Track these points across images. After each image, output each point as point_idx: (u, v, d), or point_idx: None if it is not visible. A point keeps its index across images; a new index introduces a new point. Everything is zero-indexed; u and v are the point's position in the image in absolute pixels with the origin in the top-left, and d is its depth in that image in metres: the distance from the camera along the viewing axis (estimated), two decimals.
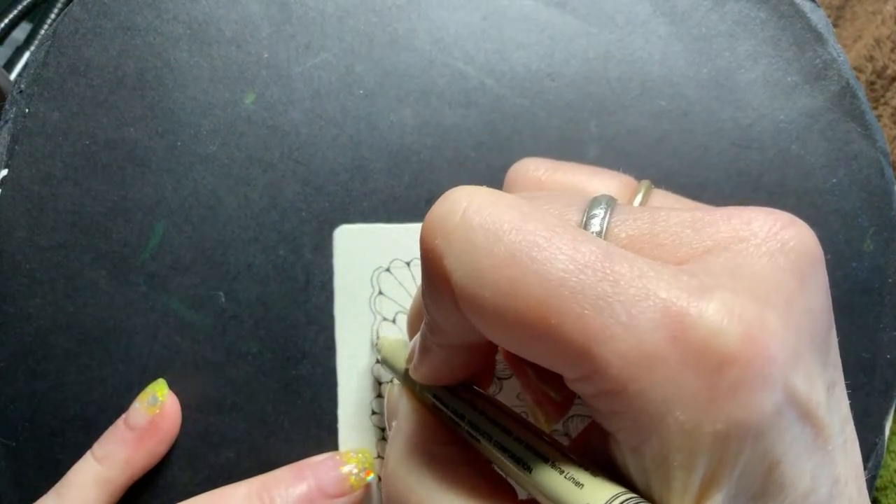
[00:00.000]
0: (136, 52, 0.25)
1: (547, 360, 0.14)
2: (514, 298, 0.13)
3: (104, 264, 0.25)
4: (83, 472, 0.24)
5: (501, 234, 0.14)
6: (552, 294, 0.13)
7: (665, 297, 0.13)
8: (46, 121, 0.25)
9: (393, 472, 0.17)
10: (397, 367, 0.21)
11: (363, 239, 0.25)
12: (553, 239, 0.13)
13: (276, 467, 0.25)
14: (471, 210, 0.14)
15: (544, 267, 0.13)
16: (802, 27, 0.25)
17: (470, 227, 0.14)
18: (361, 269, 0.25)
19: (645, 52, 0.25)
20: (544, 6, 0.25)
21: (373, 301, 0.25)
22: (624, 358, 0.13)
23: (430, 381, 0.19)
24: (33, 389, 0.25)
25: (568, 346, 0.13)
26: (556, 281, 0.13)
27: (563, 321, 0.13)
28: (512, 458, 0.16)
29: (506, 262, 0.13)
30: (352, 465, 0.24)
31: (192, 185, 0.25)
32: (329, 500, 0.24)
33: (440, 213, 0.14)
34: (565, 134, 0.25)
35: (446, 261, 0.14)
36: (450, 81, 0.25)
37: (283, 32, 0.25)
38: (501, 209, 0.14)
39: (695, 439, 0.12)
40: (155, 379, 0.25)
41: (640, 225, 0.15)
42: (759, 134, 0.25)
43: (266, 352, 0.25)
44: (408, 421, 0.19)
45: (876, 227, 0.25)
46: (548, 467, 0.15)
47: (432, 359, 0.18)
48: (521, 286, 0.13)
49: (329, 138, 0.25)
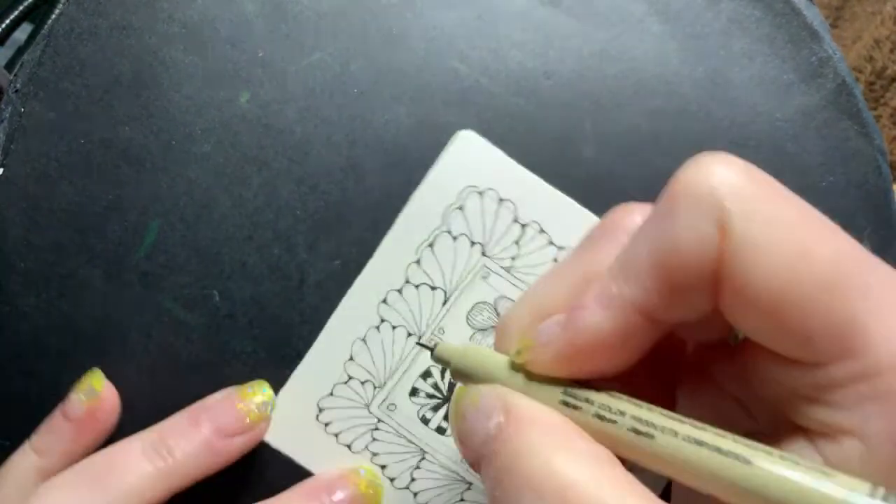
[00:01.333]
0: (131, 52, 0.25)
1: (797, 337, 0.13)
2: (804, 259, 0.13)
3: (99, 263, 0.25)
4: (20, 463, 0.24)
5: (788, 197, 0.14)
6: (845, 261, 0.13)
7: None
8: (42, 120, 0.25)
9: (544, 474, 0.14)
10: (485, 367, 0.17)
11: (477, 152, 0.25)
12: (821, 217, 0.14)
13: (270, 466, 0.25)
14: (747, 167, 0.14)
15: (836, 236, 0.13)
16: (798, 25, 0.25)
17: (759, 180, 0.14)
18: (457, 177, 0.25)
19: (640, 50, 0.25)
20: (539, 5, 0.25)
21: (447, 212, 0.24)
22: None
23: (577, 368, 0.15)
24: (28, 388, 0.25)
25: (843, 319, 0.13)
26: (847, 251, 0.13)
27: (851, 291, 0.13)
28: (718, 453, 0.13)
29: (801, 222, 0.13)
30: (248, 401, 0.24)
31: (186, 184, 0.25)
32: (229, 440, 0.23)
33: (715, 164, 0.14)
34: (560, 132, 0.25)
35: (729, 203, 0.13)
36: (444, 80, 0.25)
37: (278, 31, 0.25)
38: (769, 177, 0.14)
39: None
40: (149, 379, 0.25)
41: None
42: (755, 132, 0.25)
43: (260, 351, 0.25)
44: (541, 413, 0.15)
45: (873, 226, 0.25)
46: (776, 459, 0.12)
47: (607, 336, 0.15)
48: (818, 248, 0.13)
49: (324, 137, 0.25)
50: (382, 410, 0.25)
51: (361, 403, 0.25)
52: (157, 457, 0.23)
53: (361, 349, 0.25)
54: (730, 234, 0.13)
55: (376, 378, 0.25)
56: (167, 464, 0.23)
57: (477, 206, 0.25)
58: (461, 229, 0.25)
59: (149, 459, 0.23)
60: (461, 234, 0.25)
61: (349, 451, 0.26)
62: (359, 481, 0.24)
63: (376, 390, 0.25)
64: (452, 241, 0.25)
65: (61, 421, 0.24)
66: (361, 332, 0.25)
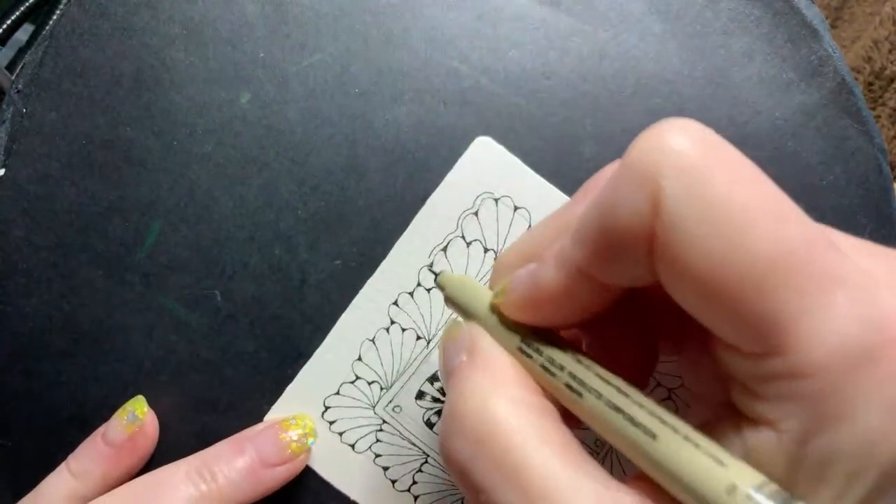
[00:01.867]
0: (132, 53, 0.25)
1: (729, 325, 0.13)
2: (737, 248, 0.12)
3: (100, 263, 0.25)
4: (57, 486, 0.24)
5: (741, 180, 0.13)
6: (781, 257, 0.12)
7: (888, 298, 0.12)
8: (43, 121, 0.25)
9: (476, 409, 0.15)
10: (471, 302, 0.19)
11: (494, 159, 0.25)
12: (787, 205, 0.13)
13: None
14: (708, 144, 0.13)
15: (781, 227, 0.12)
16: (797, 24, 0.25)
17: (708, 160, 0.13)
18: (473, 183, 0.25)
19: (639, 49, 0.25)
20: (538, 5, 0.25)
21: (462, 217, 0.25)
22: (834, 343, 0.12)
23: (534, 318, 0.17)
24: (29, 388, 0.25)
25: (771, 315, 0.12)
26: (789, 246, 0.12)
27: (781, 288, 0.12)
28: (631, 423, 0.14)
29: (742, 210, 0.12)
30: (292, 432, 0.24)
31: (188, 185, 0.25)
32: (271, 469, 0.24)
33: (671, 136, 0.13)
34: (561, 132, 0.25)
35: (666, 182, 0.13)
36: (445, 80, 0.25)
37: (279, 32, 0.25)
38: (738, 156, 0.13)
39: (878, 451, 0.12)
40: (152, 378, 0.25)
41: (833, 234, 0.15)
42: (755, 131, 0.25)
43: (262, 351, 0.25)
44: (493, 357, 0.17)
45: (874, 224, 0.25)
46: (679, 439, 0.13)
47: (557, 291, 0.16)
48: (752, 239, 0.12)
49: (324, 137, 0.25)
50: (388, 412, 0.25)
51: (367, 404, 0.25)
52: (201, 480, 0.23)
53: (370, 350, 0.25)
54: (662, 212, 0.13)
55: (383, 379, 0.25)
56: (210, 488, 0.23)
57: (492, 213, 0.25)
58: (475, 235, 0.25)
59: (192, 483, 0.23)
60: (475, 240, 0.25)
61: (352, 451, 0.26)
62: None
63: (383, 391, 0.25)
64: (466, 246, 0.25)
65: (101, 445, 0.24)
66: (371, 333, 0.25)
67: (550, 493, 0.13)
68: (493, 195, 0.25)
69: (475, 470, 0.15)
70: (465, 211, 0.25)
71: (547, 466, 0.14)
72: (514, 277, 0.17)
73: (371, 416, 0.25)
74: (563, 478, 0.14)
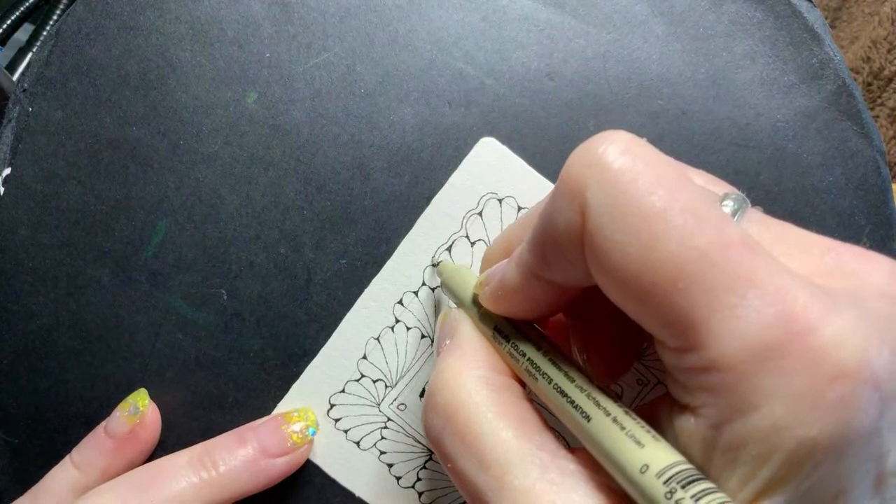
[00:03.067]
0: (138, 52, 0.25)
1: (653, 321, 0.14)
2: (650, 251, 0.13)
3: (107, 262, 0.25)
4: (60, 478, 0.24)
5: (657, 187, 0.14)
6: (690, 260, 0.13)
7: (798, 296, 0.13)
8: (49, 120, 0.25)
9: (446, 385, 0.17)
10: (460, 291, 0.21)
11: (498, 160, 0.25)
12: (703, 209, 0.14)
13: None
14: (630, 155, 0.14)
15: (691, 231, 0.13)
16: (799, 27, 0.25)
17: (626, 170, 0.14)
18: (478, 183, 0.25)
19: (643, 51, 0.25)
20: (543, 6, 0.25)
21: (466, 217, 0.25)
22: (742, 339, 0.13)
23: (503, 310, 0.19)
24: (36, 387, 0.26)
25: (686, 312, 0.13)
26: (699, 249, 0.13)
27: (693, 289, 0.13)
28: (571, 404, 0.16)
29: (654, 216, 0.13)
30: (294, 425, 0.25)
31: (194, 184, 0.25)
32: (273, 460, 0.24)
33: (596, 149, 0.14)
34: (564, 133, 0.25)
35: (589, 194, 0.14)
36: (450, 81, 0.25)
37: (285, 32, 0.25)
38: (660, 164, 0.14)
39: (782, 437, 0.13)
40: (158, 376, 0.25)
41: (771, 230, 0.15)
42: (757, 133, 0.25)
43: (268, 349, 0.25)
44: (468, 342, 0.19)
45: (872, 226, 0.25)
46: (609, 421, 0.15)
47: (517, 288, 0.17)
48: (662, 242, 0.13)
49: (330, 137, 0.25)
50: (392, 410, 0.26)
51: (372, 402, 0.26)
52: (202, 468, 0.23)
53: (375, 348, 0.25)
54: (587, 221, 0.14)
55: (388, 377, 0.26)
56: (211, 475, 0.23)
57: (496, 213, 0.25)
58: (479, 235, 0.25)
59: (193, 470, 0.23)
60: (479, 240, 0.25)
61: (357, 448, 0.26)
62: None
63: (388, 389, 0.26)
64: (470, 246, 0.25)
65: (103, 437, 0.25)
66: (376, 332, 0.25)
67: (501, 460, 0.15)
68: (497, 195, 0.25)
69: (444, 440, 0.17)
70: (470, 211, 0.25)
71: (500, 437, 0.16)
72: (488, 273, 0.19)
73: (376, 413, 0.26)
74: (515, 447, 0.15)
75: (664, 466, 0.13)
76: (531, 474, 0.15)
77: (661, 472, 0.13)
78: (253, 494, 0.24)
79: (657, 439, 0.14)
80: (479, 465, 0.15)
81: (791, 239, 0.15)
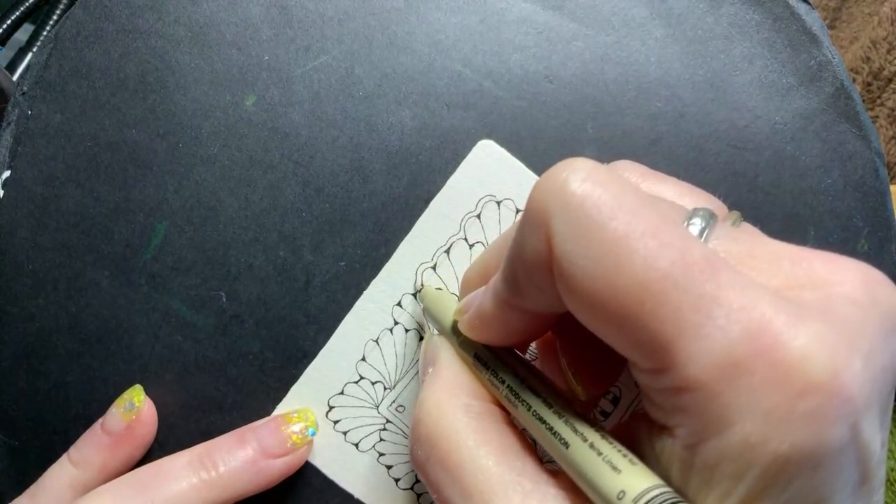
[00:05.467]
0: (137, 55, 0.25)
1: (624, 345, 0.14)
2: (615, 276, 0.14)
3: (106, 265, 0.25)
4: (58, 476, 0.24)
5: (619, 212, 0.14)
6: (655, 282, 0.13)
7: (764, 312, 0.13)
8: (49, 123, 0.25)
9: (429, 415, 0.17)
10: (441, 318, 0.21)
11: (496, 162, 0.25)
12: (666, 231, 0.14)
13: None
14: (591, 182, 0.14)
15: (654, 254, 0.13)
16: (797, 29, 0.25)
17: (588, 197, 0.14)
18: (476, 186, 0.25)
19: (641, 54, 0.25)
20: (542, 9, 0.25)
21: (465, 220, 0.25)
22: (710, 358, 0.13)
23: (481, 338, 0.19)
24: (36, 389, 0.26)
25: (654, 334, 0.13)
26: (662, 270, 0.13)
27: (658, 310, 0.13)
28: (549, 431, 0.16)
29: (617, 240, 0.14)
30: (293, 426, 0.25)
31: (193, 187, 0.25)
32: (272, 461, 0.24)
33: (559, 177, 0.15)
34: (563, 135, 0.25)
35: (554, 222, 0.14)
36: (448, 83, 0.25)
37: (284, 35, 0.25)
38: (621, 189, 0.14)
39: (756, 453, 0.13)
40: (158, 378, 0.26)
41: (740, 245, 0.15)
42: (755, 135, 0.25)
43: (267, 351, 0.26)
44: (449, 370, 0.19)
45: (871, 228, 0.25)
46: (586, 447, 0.15)
47: (493, 316, 0.18)
48: (626, 266, 0.13)
49: (329, 140, 0.25)
50: (391, 411, 0.26)
51: (371, 403, 0.26)
52: (202, 468, 0.24)
53: (374, 350, 0.25)
54: (553, 249, 0.14)
55: (387, 379, 0.26)
56: (211, 476, 0.23)
57: (494, 216, 0.25)
58: (477, 237, 0.25)
59: (193, 470, 0.23)
60: (477, 242, 0.25)
61: (356, 450, 0.26)
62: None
63: (386, 391, 0.26)
64: (468, 248, 0.25)
65: (100, 434, 0.25)
66: (375, 334, 0.25)
67: (482, 489, 0.15)
68: (496, 198, 0.25)
69: (428, 471, 0.17)
70: (468, 213, 0.25)
71: (482, 465, 0.16)
72: (466, 300, 0.19)
73: (375, 415, 0.26)
74: (496, 475, 0.16)
75: (640, 492, 0.13)
76: (513, 502, 0.15)
77: (638, 497, 0.13)
78: (253, 495, 0.24)
79: (634, 463, 0.14)
80: (463, 495, 0.16)
81: (760, 252, 0.15)
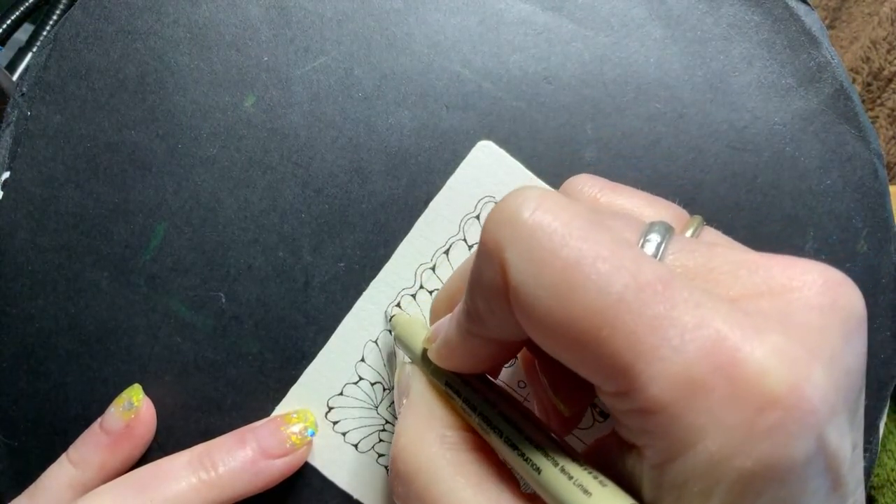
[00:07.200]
0: (136, 56, 0.25)
1: (586, 370, 0.14)
2: (570, 303, 0.13)
3: (105, 266, 0.25)
4: (57, 476, 0.24)
5: (569, 239, 0.14)
6: (609, 306, 0.13)
7: (720, 328, 0.13)
8: (48, 123, 0.25)
9: (404, 450, 0.18)
10: (412, 346, 0.21)
11: (495, 163, 0.25)
12: (618, 253, 0.14)
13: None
14: (541, 210, 0.14)
15: (606, 279, 0.13)
16: (796, 30, 0.25)
17: (539, 226, 0.14)
18: (475, 187, 0.25)
19: (640, 55, 0.25)
20: (541, 10, 0.25)
21: (464, 221, 0.25)
22: (668, 380, 0.13)
23: (450, 366, 0.19)
24: (35, 389, 0.26)
25: (613, 359, 0.13)
26: (615, 295, 0.13)
27: (615, 335, 0.13)
28: (522, 457, 0.16)
29: (569, 267, 0.14)
30: (293, 426, 0.25)
31: (192, 188, 0.25)
32: (272, 461, 0.24)
33: (510, 208, 0.15)
34: (562, 136, 0.25)
35: (507, 254, 0.14)
36: (447, 84, 0.25)
37: (283, 36, 0.25)
38: (572, 216, 0.14)
39: (721, 471, 0.13)
40: (157, 379, 0.26)
41: (696, 257, 0.15)
42: (754, 136, 0.25)
43: (266, 352, 0.26)
44: (421, 400, 0.19)
45: (870, 229, 0.25)
46: (557, 471, 0.15)
47: (459, 345, 0.18)
48: (580, 293, 0.13)
49: (328, 141, 0.25)
50: (390, 412, 0.26)
51: (370, 404, 0.26)
52: (202, 469, 0.24)
53: (373, 351, 0.25)
54: (508, 279, 0.14)
55: (386, 380, 0.26)
56: (210, 476, 0.23)
57: None
58: (477, 238, 0.25)
59: (193, 470, 0.24)
60: (476, 244, 0.25)
61: (355, 451, 0.26)
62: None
63: (385, 392, 0.26)
64: (468, 249, 0.25)
65: (99, 434, 0.25)
66: (374, 335, 0.25)
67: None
68: (495, 199, 0.25)
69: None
70: (467, 214, 0.25)
71: (460, 496, 0.16)
72: (434, 328, 0.19)
73: (374, 416, 0.26)
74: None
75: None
76: None
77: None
78: (252, 495, 0.24)
79: (604, 485, 0.14)
80: None
81: (718, 263, 0.15)
